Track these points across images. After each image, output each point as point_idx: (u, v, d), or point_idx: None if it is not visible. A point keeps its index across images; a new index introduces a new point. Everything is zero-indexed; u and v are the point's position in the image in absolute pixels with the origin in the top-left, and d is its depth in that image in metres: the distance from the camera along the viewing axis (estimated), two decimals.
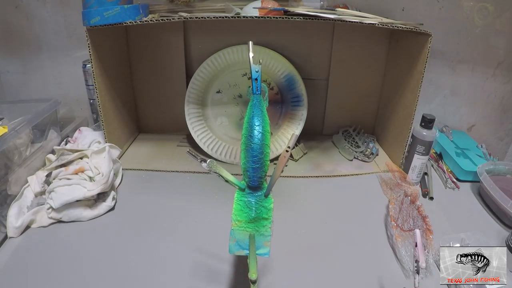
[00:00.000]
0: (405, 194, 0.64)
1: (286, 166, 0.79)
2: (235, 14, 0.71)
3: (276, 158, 0.82)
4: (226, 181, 0.39)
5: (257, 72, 0.37)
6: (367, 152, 0.85)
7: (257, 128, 0.36)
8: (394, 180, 0.73)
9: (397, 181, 0.72)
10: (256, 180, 0.38)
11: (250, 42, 0.38)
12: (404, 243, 0.55)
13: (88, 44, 0.65)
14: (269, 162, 0.38)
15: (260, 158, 0.36)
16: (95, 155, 0.68)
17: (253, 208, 0.37)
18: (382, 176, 0.77)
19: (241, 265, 0.52)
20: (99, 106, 0.71)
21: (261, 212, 0.36)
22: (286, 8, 0.67)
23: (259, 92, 0.39)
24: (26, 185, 0.64)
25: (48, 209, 0.59)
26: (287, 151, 0.36)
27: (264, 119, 0.39)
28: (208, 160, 0.39)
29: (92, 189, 0.61)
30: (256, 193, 0.38)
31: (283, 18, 0.68)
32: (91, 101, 0.87)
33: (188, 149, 0.42)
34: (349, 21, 0.63)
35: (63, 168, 0.64)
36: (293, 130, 0.84)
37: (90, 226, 0.60)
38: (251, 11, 0.70)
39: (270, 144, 0.37)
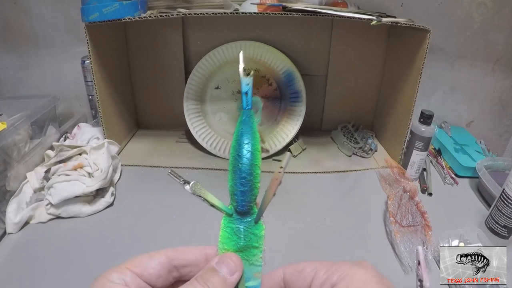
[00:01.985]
0: (404, 190, 0.64)
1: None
2: (234, 10, 0.71)
3: (275, 154, 0.82)
4: (212, 205, 0.35)
5: (247, 85, 0.32)
6: (365, 148, 0.85)
7: (246, 146, 0.32)
8: (393, 176, 0.73)
9: (396, 177, 0.72)
10: (244, 204, 0.33)
11: (241, 53, 0.33)
12: (403, 239, 0.55)
13: (87, 40, 0.65)
14: (259, 184, 0.33)
15: (249, 180, 0.32)
16: (94, 151, 0.67)
17: (242, 236, 0.33)
18: (381, 172, 0.77)
19: None
20: (98, 102, 0.71)
21: (250, 240, 0.33)
22: (285, 4, 0.67)
23: (249, 107, 0.33)
24: (25, 181, 0.64)
25: (47, 205, 0.60)
26: (279, 172, 0.33)
27: (254, 136, 0.33)
28: (192, 182, 0.36)
29: (91, 185, 0.61)
30: (245, 218, 0.34)
31: (281, 14, 0.68)
32: (90, 97, 0.87)
33: (169, 170, 0.37)
34: (348, 17, 0.63)
35: (62, 164, 0.64)
36: (292, 126, 0.83)
37: (89, 222, 0.60)
38: (249, 7, 0.70)
39: (261, 164, 0.32)
